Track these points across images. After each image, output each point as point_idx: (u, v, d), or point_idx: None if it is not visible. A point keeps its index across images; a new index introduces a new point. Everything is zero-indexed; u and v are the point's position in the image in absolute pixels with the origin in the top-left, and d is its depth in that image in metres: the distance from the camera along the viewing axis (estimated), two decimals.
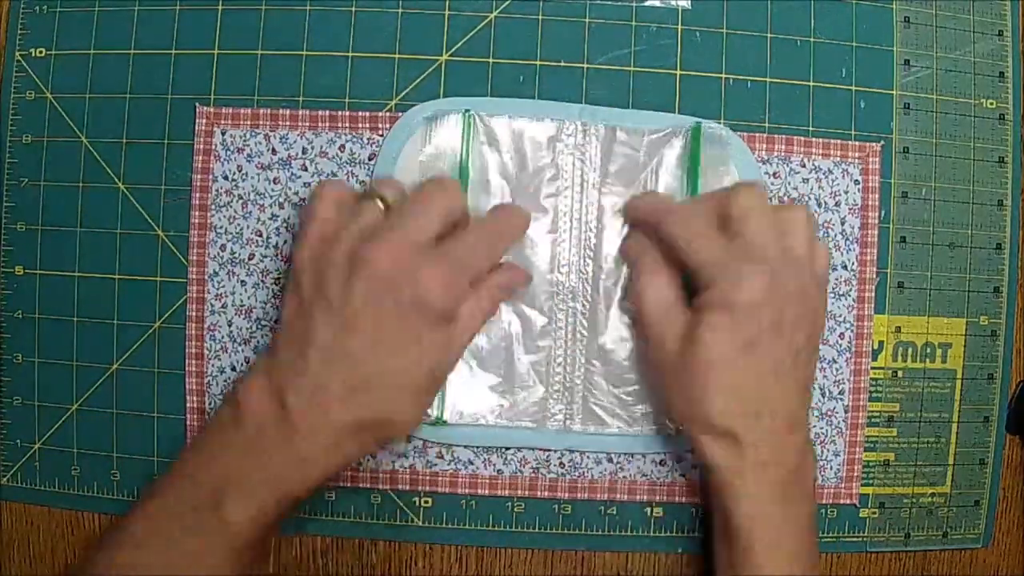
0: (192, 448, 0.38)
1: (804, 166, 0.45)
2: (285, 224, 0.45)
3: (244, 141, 0.45)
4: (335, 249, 0.36)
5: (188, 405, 0.45)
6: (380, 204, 0.38)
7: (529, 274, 0.43)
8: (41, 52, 0.45)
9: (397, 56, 0.44)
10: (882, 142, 0.46)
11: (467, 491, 0.45)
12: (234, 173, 0.45)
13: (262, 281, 0.45)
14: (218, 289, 0.45)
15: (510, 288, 0.43)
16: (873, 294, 0.46)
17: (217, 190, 0.45)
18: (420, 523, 0.45)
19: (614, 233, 0.44)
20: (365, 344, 0.36)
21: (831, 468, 0.46)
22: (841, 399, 0.46)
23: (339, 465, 0.37)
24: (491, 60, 0.44)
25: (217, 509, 0.35)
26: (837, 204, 0.45)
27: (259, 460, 0.36)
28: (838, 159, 0.45)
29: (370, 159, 0.44)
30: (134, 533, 0.36)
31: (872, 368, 0.46)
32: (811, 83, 0.45)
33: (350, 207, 0.38)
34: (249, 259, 0.45)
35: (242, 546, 0.36)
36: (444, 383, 0.42)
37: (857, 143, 0.45)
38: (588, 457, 0.45)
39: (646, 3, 0.45)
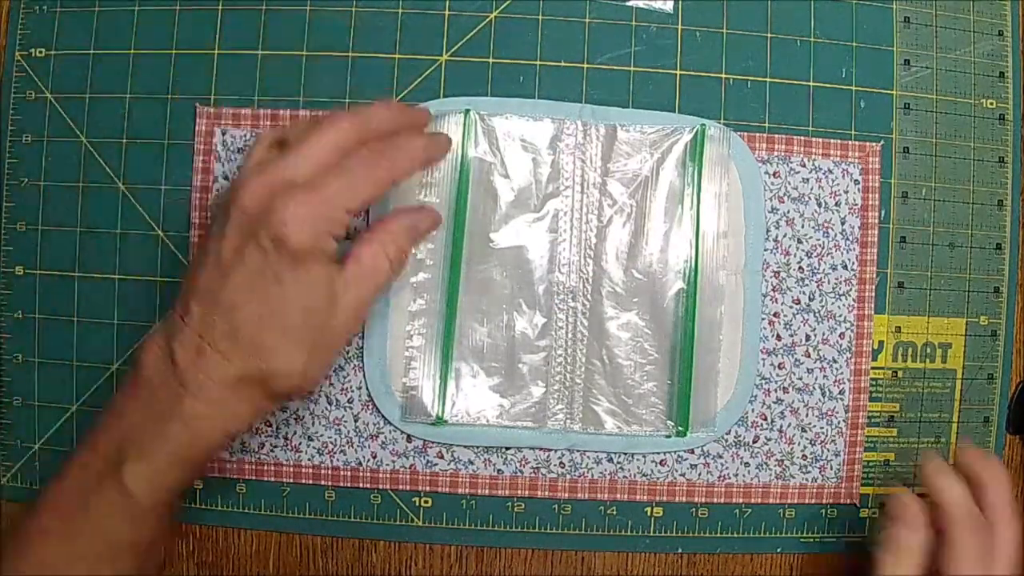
0: (96, 420, 0.37)
1: (804, 166, 0.45)
2: None
3: (245, 141, 0.45)
4: (221, 198, 0.35)
5: None
6: (276, 147, 0.37)
7: (438, 215, 0.40)
8: (41, 52, 0.45)
9: (397, 56, 0.45)
10: (882, 142, 0.46)
11: (467, 491, 0.45)
12: (235, 173, 0.45)
13: None
14: None
15: (417, 230, 0.39)
16: (873, 294, 0.46)
17: (218, 190, 0.45)
18: (420, 523, 0.45)
19: (615, 233, 0.44)
20: (237, 290, 0.34)
21: (831, 468, 0.46)
22: (841, 399, 0.46)
23: (232, 426, 0.35)
24: (491, 60, 0.44)
25: (116, 474, 0.34)
26: (837, 204, 0.45)
27: (154, 421, 0.34)
28: (838, 159, 0.45)
29: None
30: (40, 519, 0.36)
31: (872, 368, 0.46)
32: (811, 83, 0.45)
33: (248, 154, 0.38)
34: None
35: (143, 513, 0.35)
36: (341, 334, 0.36)
37: (857, 143, 0.45)
38: (588, 457, 0.45)
39: (628, 3, 0.45)
